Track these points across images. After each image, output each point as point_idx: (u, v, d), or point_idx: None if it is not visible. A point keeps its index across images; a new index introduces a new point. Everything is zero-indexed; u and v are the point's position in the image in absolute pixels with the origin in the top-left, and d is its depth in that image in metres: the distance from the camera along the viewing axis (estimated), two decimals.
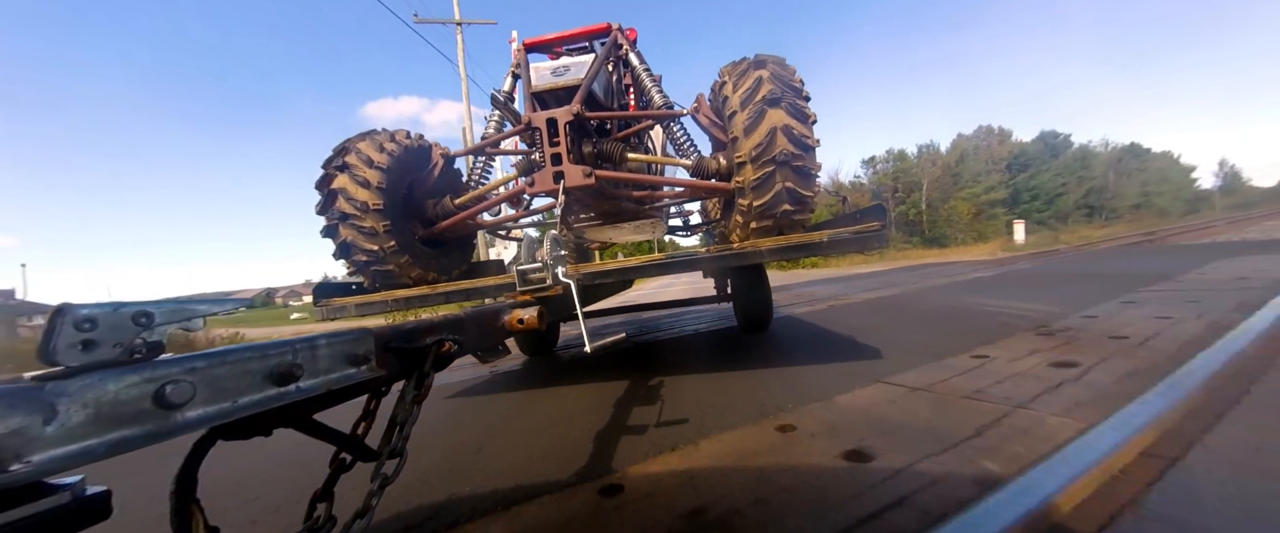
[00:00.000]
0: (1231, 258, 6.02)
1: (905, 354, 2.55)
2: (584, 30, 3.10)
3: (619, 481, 1.47)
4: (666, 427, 1.86)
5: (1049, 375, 1.99)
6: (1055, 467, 1.27)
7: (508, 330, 1.31)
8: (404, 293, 2.28)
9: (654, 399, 2.21)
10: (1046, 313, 3.51)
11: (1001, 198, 33.80)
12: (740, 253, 1.96)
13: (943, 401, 1.82)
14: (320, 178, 2.31)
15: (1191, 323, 2.73)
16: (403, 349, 0.90)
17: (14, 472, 0.41)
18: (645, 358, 3.40)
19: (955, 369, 2.20)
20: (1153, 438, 1.40)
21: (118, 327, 0.50)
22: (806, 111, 2.01)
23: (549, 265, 1.58)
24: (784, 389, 2.12)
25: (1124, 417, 1.52)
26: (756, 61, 2.14)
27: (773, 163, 1.94)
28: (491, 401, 2.65)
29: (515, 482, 1.55)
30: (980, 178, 34.03)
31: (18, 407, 0.42)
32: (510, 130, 2.53)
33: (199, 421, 0.54)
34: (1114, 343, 2.46)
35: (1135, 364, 2.06)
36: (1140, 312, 3.23)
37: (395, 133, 2.57)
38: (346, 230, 2.28)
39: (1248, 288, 3.72)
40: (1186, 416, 1.53)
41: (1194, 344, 2.25)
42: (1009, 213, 32.67)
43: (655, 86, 2.77)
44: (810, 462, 1.45)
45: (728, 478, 1.41)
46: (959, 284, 6.24)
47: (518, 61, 2.71)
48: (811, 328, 3.93)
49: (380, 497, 0.78)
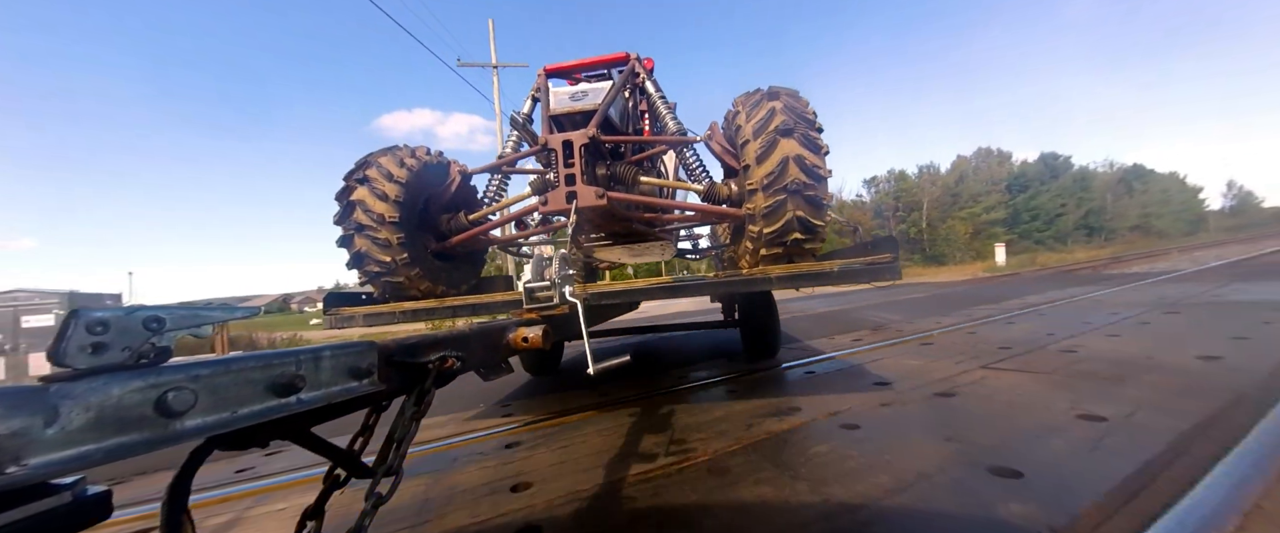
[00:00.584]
0: (1081, 286, 8.01)
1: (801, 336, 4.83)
2: (603, 58, 3.20)
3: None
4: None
5: (849, 343, 4.33)
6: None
7: (512, 349, 1.30)
8: (412, 305, 2.30)
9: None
10: (893, 323, 5.46)
11: (1001, 218, 34.40)
12: (749, 279, 1.94)
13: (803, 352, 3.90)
14: (341, 189, 2.37)
15: (949, 318, 5.52)
16: (405, 364, 0.89)
17: (12, 475, 0.40)
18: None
19: (818, 344, 4.36)
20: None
21: (129, 331, 0.51)
22: (819, 142, 2.02)
23: (557, 284, 1.58)
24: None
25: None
26: (770, 93, 2.18)
27: (784, 191, 1.95)
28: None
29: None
30: (980, 198, 34.56)
31: (20, 408, 0.42)
32: (527, 150, 2.58)
33: (198, 430, 0.54)
34: (895, 334, 4.68)
35: (892, 338, 4.44)
36: (933, 320, 5.45)
37: (416, 149, 2.64)
38: (361, 241, 2.32)
39: (1009, 310, 5.89)
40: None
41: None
42: (1008, 232, 33.31)
43: (669, 113, 2.82)
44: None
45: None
46: (886, 303, 7.85)
47: (538, 86, 2.79)
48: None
49: (373, 517, 0.77)
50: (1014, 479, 1.48)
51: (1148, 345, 3.25)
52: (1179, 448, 1.61)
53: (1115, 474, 1.45)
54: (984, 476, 1.52)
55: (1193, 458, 1.51)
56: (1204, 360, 2.75)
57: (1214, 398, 2.08)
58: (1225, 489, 1.32)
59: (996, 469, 1.55)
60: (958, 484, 1.49)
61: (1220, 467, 1.42)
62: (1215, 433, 1.70)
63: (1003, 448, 1.73)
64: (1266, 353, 2.81)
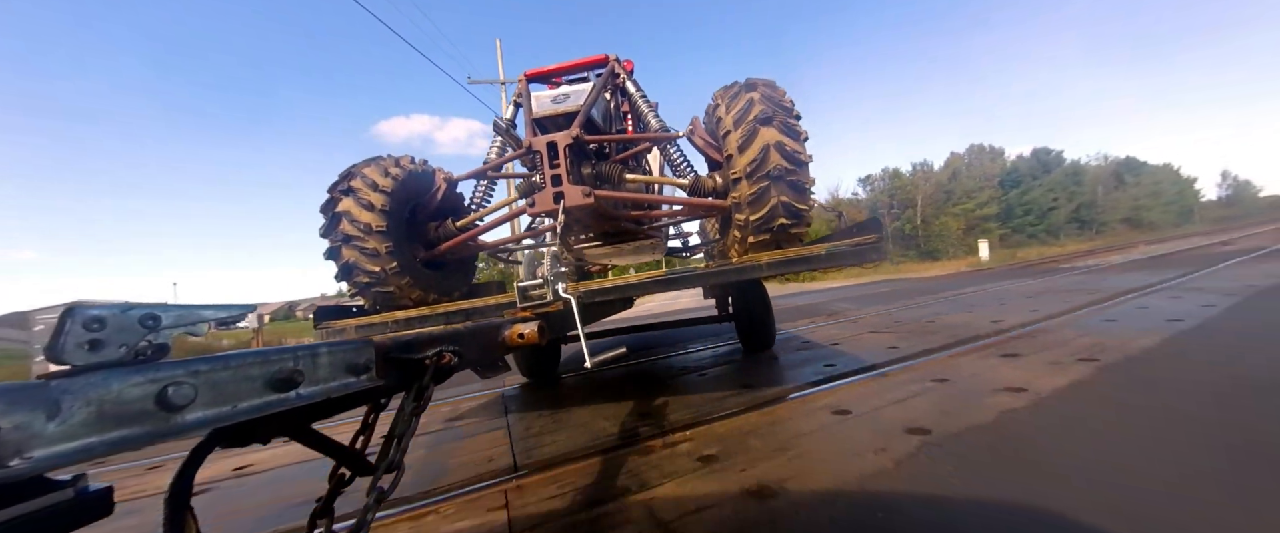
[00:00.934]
0: (1020, 279, 9.12)
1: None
2: (583, 61, 3.22)
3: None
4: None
5: (803, 321, 5.84)
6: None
7: (508, 345, 1.31)
8: (404, 314, 2.28)
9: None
10: (846, 311, 6.53)
11: (994, 213, 35.26)
12: (739, 268, 1.97)
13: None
14: (325, 201, 2.36)
15: (890, 306, 6.53)
16: (403, 360, 0.90)
17: (14, 467, 0.41)
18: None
19: (783, 325, 5.28)
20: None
21: (125, 328, 0.51)
22: (798, 129, 2.06)
23: (549, 282, 1.59)
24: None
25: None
26: (747, 84, 2.22)
27: (767, 178, 1.98)
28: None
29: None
30: (973, 194, 35.31)
31: (22, 403, 0.42)
32: (511, 154, 2.59)
33: (199, 423, 0.54)
34: (840, 317, 5.90)
35: (836, 320, 5.65)
36: (877, 308, 6.50)
37: (400, 158, 2.63)
38: (349, 252, 2.30)
39: (940, 297, 7.07)
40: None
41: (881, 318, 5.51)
42: (1002, 226, 34.42)
43: (651, 111, 2.85)
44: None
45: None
46: (858, 297, 8.83)
47: (520, 91, 2.80)
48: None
49: (376, 512, 0.77)
50: (835, 363, 3.29)
51: (963, 317, 4.86)
52: (904, 353, 3.35)
53: (882, 358, 3.28)
54: (823, 363, 3.28)
55: (904, 351, 3.42)
56: (962, 319, 4.64)
57: (944, 334, 3.91)
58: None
59: (829, 362, 3.31)
60: (806, 362, 3.39)
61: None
62: (928, 342, 3.67)
63: (838, 356, 3.50)
64: (1002, 316, 4.57)
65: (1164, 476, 1.37)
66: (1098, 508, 1.23)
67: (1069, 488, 1.34)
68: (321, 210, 2.36)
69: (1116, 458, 1.49)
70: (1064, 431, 1.77)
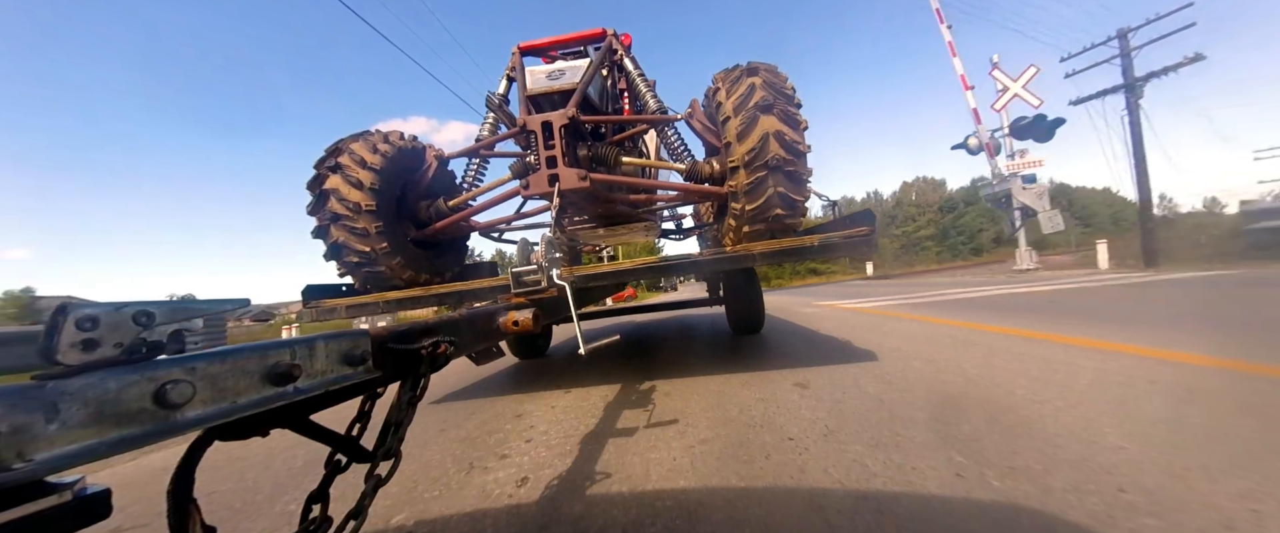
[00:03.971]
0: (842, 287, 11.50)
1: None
2: (579, 35, 3.11)
3: None
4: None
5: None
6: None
7: (503, 332, 1.31)
8: (396, 295, 2.27)
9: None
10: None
11: (931, 234, 42.96)
12: (733, 256, 1.98)
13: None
14: (312, 178, 2.29)
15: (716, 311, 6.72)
16: (399, 351, 0.90)
17: (16, 470, 0.41)
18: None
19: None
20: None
21: (118, 326, 0.50)
22: (798, 118, 2.04)
23: (544, 268, 1.58)
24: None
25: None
26: (749, 69, 2.18)
27: (765, 168, 1.97)
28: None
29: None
30: (913, 219, 42.94)
31: (19, 405, 0.42)
32: (505, 133, 2.53)
33: (198, 420, 0.54)
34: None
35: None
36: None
37: (388, 134, 2.56)
38: (338, 231, 2.26)
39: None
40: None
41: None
42: (937, 246, 42.47)
43: (649, 91, 2.79)
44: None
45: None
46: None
47: (513, 65, 2.71)
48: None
49: (373, 497, 0.79)
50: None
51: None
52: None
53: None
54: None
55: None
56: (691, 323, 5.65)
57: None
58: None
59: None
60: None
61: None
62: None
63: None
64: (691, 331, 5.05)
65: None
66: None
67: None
68: (308, 187, 2.30)
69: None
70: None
